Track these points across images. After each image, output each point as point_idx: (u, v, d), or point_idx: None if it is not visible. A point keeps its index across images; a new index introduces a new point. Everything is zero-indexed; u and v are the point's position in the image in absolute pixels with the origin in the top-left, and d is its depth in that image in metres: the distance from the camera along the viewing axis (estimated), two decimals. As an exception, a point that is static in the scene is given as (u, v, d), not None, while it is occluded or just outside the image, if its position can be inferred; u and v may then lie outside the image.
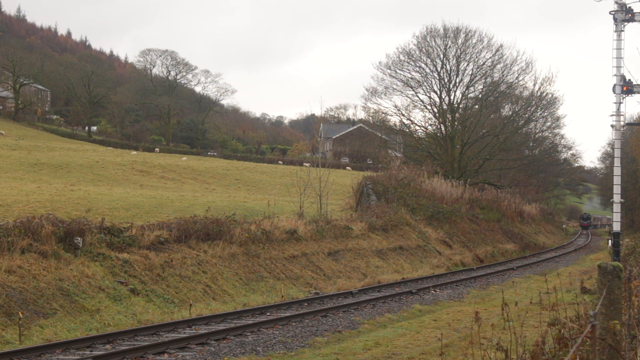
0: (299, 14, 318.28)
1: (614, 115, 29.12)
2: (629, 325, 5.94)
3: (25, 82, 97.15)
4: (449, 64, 54.17)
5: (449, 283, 27.25)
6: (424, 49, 54.33)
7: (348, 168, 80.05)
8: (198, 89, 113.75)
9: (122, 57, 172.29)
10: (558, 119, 70.46)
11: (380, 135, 62.71)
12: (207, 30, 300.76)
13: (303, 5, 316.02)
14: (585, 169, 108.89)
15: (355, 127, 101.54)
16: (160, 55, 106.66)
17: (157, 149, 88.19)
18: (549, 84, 62.64)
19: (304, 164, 68.32)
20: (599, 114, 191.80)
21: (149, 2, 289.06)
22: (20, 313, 14.93)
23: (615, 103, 28.94)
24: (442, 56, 54.08)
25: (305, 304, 20.70)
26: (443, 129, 56.07)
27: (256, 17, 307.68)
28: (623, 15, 28.38)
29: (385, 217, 34.88)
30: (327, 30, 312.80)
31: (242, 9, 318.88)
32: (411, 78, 54.91)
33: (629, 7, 28.47)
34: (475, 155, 57.24)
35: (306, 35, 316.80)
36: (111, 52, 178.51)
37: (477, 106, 56.84)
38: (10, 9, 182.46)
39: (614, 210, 30.50)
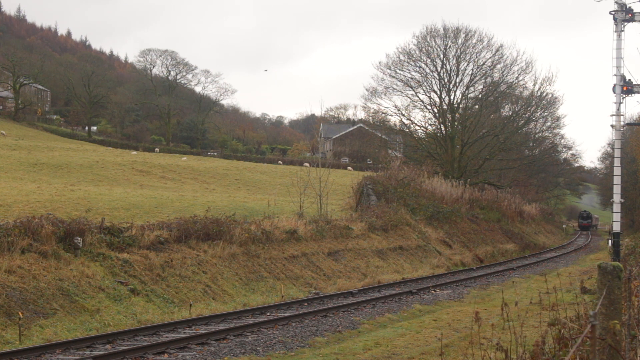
0: (302, 16, 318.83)
1: (614, 115, 29.15)
2: (629, 325, 5.94)
3: (25, 82, 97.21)
4: (449, 64, 54.18)
5: (449, 283, 27.24)
6: (424, 49, 54.34)
7: (349, 168, 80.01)
8: (198, 89, 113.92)
9: (122, 57, 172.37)
10: (558, 119, 70.54)
11: (380, 135, 62.68)
12: (210, 32, 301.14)
13: (306, 7, 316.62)
14: (585, 169, 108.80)
15: (355, 127, 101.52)
16: (160, 55, 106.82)
17: (157, 149, 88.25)
18: (549, 84, 62.78)
19: (304, 164, 68.32)
20: (599, 114, 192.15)
21: (152, 3, 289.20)
22: (20, 313, 14.92)
23: (615, 103, 28.97)
24: (442, 56, 54.09)
25: (305, 304, 20.69)
26: (443, 129, 56.06)
27: (260, 19, 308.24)
28: (623, 15, 28.40)
29: (385, 217, 34.87)
30: (329, 32, 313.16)
31: (246, 10, 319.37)
32: (411, 78, 54.95)
33: (629, 7, 28.51)
34: (475, 155, 57.21)
35: (309, 37, 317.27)
36: (111, 52, 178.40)
37: (477, 106, 56.80)
38: (10, 9, 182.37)
39: (614, 210, 30.50)
